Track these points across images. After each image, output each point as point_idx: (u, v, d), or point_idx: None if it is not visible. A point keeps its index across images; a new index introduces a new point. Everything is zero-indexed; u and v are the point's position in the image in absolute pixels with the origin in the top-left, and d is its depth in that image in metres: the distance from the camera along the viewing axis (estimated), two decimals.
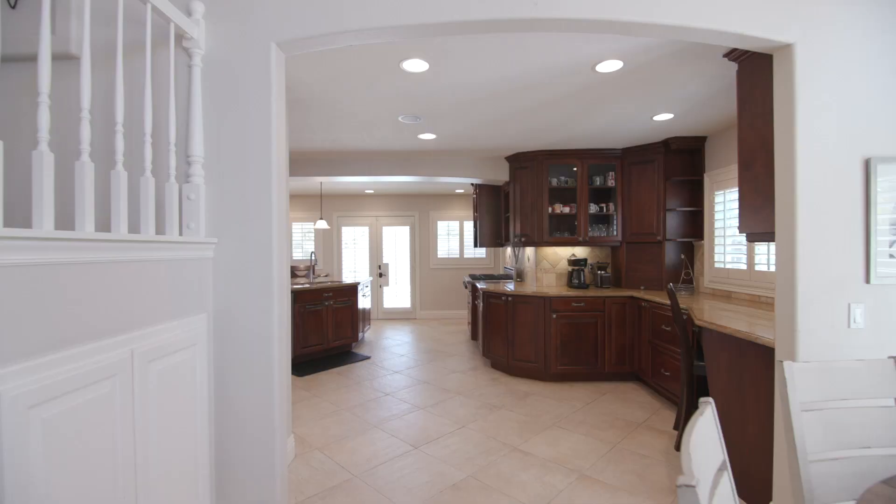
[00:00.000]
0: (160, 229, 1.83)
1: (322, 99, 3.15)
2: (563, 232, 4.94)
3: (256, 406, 1.96)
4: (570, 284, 4.87)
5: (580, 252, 5.05)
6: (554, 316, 4.35)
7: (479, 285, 5.27)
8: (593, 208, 4.79)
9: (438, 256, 8.38)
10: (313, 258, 6.03)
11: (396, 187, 7.53)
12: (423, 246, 8.38)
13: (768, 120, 2.19)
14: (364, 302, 6.42)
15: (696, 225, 4.42)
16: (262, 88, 1.96)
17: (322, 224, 6.66)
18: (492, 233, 5.96)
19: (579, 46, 2.38)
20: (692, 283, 4.44)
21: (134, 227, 1.78)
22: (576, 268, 4.83)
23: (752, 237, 2.37)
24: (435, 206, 8.42)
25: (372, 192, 8.03)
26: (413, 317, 8.40)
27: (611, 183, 4.76)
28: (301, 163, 5.15)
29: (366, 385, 4.41)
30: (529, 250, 5.33)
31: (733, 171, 3.86)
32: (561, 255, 5.04)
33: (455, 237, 8.41)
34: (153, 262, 1.58)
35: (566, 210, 4.79)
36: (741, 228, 2.41)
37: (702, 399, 1.08)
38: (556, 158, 4.75)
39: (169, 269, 1.67)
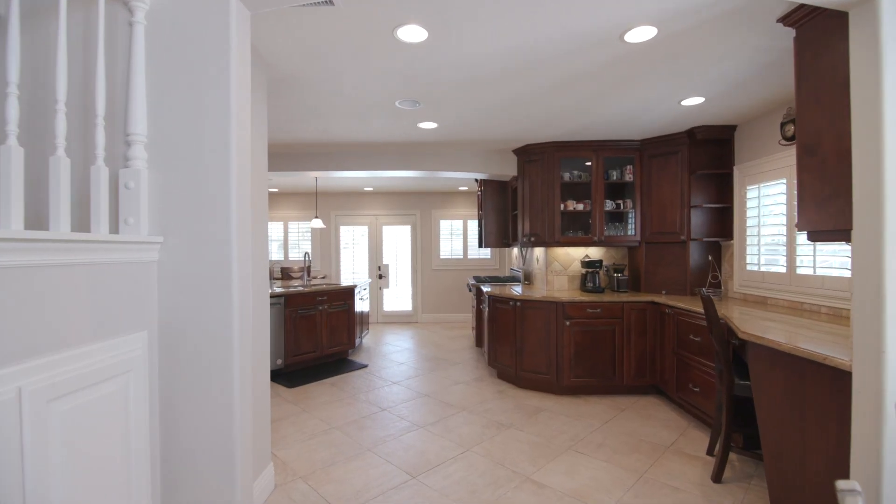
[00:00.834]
0: (83, 225, 1.45)
1: (306, 79, 2.77)
2: (577, 231, 4.55)
3: (214, 445, 1.58)
4: (583, 288, 4.47)
5: (594, 253, 4.66)
6: (567, 323, 3.96)
7: (485, 288, 4.88)
8: (609, 205, 4.39)
9: (441, 257, 7.99)
10: (307, 259, 5.66)
11: (397, 184, 7.15)
12: (424, 246, 8.00)
13: (840, 93, 1.79)
14: (362, 305, 6.05)
15: (723, 223, 4.01)
16: (221, 52, 1.59)
17: (317, 223, 6.28)
18: (498, 232, 5.57)
19: (608, 9, 1.99)
20: (720, 287, 4.04)
21: (41, 221, 1.41)
22: (590, 270, 4.43)
23: (817, 236, 1.97)
24: (437, 205, 8.03)
25: (371, 189, 7.65)
26: (414, 320, 8.02)
27: (629, 177, 4.36)
28: (291, 156, 4.78)
29: (361, 398, 4.03)
30: (539, 251, 4.93)
31: (770, 162, 3.45)
32: (573, 256, 4.64)
33: (458, 237, 8.03)
34: (63, 268, 1.20)
35: (580, 207, 4.39)
36: (801, 226, 2.01)
37: (842, 486, 0.69)
38: (569, 151, 4.36)
39: (89, 277, 1.29)
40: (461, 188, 7.57)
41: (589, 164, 4.54)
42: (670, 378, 3.70)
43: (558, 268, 4.63)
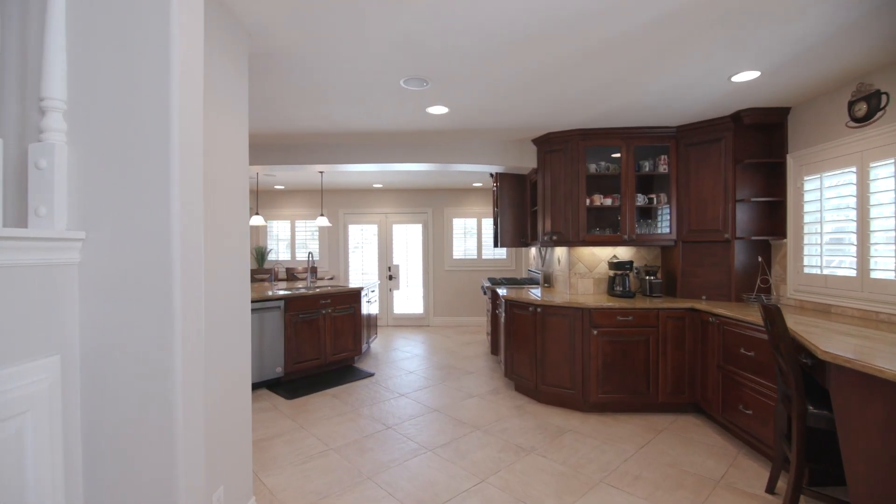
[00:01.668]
0: None
1: (298, 54, 2.40)
2: (604, 229, 4.10)
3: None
4: (611, 292, 4.02)
5: (623, 253, 4.20)
6: (594, 332, 3.52)
7: (501, 292, 4.47)
8: (641, 200, 3.93)
9: (454, 257, 7.59)
10: (312, 259, 5.31)
11: (407, 181, 6.78)
12: (437, 246, 7.61)
13: None
14: (370, 308, 5.68)
15: (774, 219, 3.53)
16: None
17: (323, 221, 5.94)
18: (515, 231, 5.15)
19: None
20: (769, 293, 3.55)
21: None
22: (619, 272, 3.98)
23: None
24: (450, 202, 7.64)
25: (381, 186, 7.30)
26: (426, 324, 7.64)
27: (663, 169, 3.90)
28: (292, 148, 4.43)
29: (364, 413, 3.65)
30: (561, 251, 4.50)
31: (834, 148, 2.97)
32: (600, 256, 4.20)
33: (472, 236, 7.62)
34: None
35: (607, 202, 3.95)
36: None
37: None
38: (596, 139, 3.91)
39: None
40: (475, 184, 7.16)
41: (617, 154, 4.09)
42: (714, 397, 3.24)
43: (583, 269, 4.19)
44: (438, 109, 3.35)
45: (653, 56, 2.49)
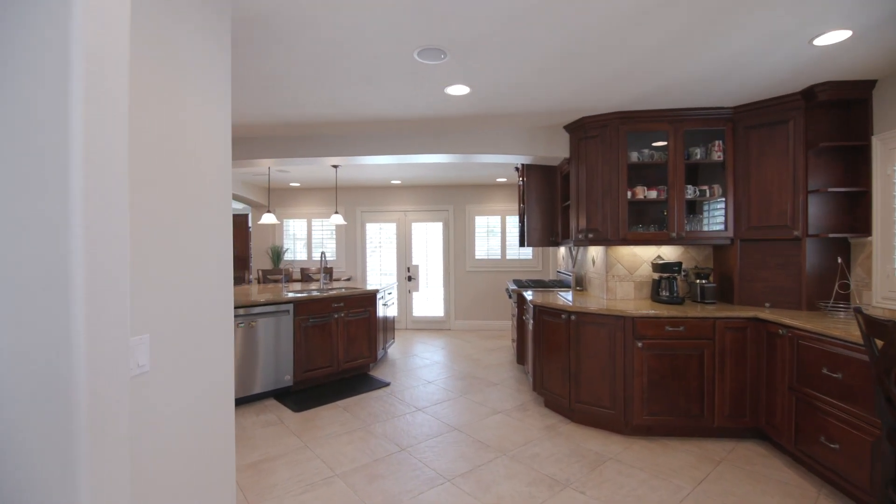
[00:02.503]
0: None
1: (294, 18, 2.04)
2: (648, 225, 3.62)
3: None
4: (655, 298, 3.54)
5: (668, 253, 3.71)
6: (639, 344, 3.05)
7: (528, 295, 4.03)
8: (691, 192, 3.44)
9: (476, 257, 7.18)
10: (324, 260, 4.99)
11: (427, 176, 6.40)
12: (458, 245, 7.21)
13: None
14: (387, 311, 5.33)
15: (856, 213, 2.99)
16: None
17: (337, 219, 5.63)
18: (543, 228, 4.70)
19: None
20: (849, 301, 3.01)
21: None
22: (664, 275, 3.50)
23: None
24: (472, 199, 7.22)
25: (399, 182, 6.94)
26: (446, 327, 7.25)
27: (716, 156, 3.39)
28: (297, 140, 4.11)
29: (377, 431, 3.29)
30: (596, 251, 4.03)
31: None
32: (641, 257, 3.71)
33: (496, 235, 7.18)
34: None
35: (652, 195, 3.46)
36: None
37: None
38: (639, 123, 3.44)
39: None
40: (499, 179, 6.73)
41: (660, 144, 3.60)
42: (785, 423, 2.73)
43: (622, 272, 3.71)
44: (459, 89, 2.94)
45: (712, 16, 2.03)
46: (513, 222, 7.15)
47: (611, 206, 3.47)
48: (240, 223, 9.82)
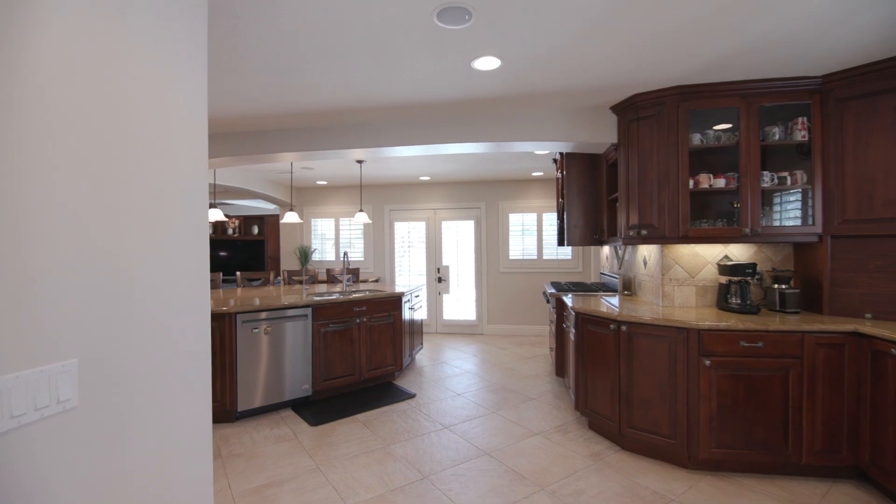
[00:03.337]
0: None
1: None
2: (715, 220, 3.08)
3: None
4: (723, 305, 3.00)
5: (737, 253, 3.15)
6: (707, 362, 2.54)
7: (568, 301, 3.57)
8: (767, 179, 2.88)
9: (510, 258, 6.72)
10: (347, 260, 4.70)
11: (457, 172, 6.01)
12: (491, 245, 6.78)
13: None
14: (414, 315, 4.99)
15: None
16: None
17: (363, 217, 5.33)
18: (585, 225, 4.20)
19: None
20: None
21: None
22: (734, 279, 2.96)
23: None
24: (506, 195, 6.77)
25: (428, 178, 6.59)
26: (478, 332, 6.83)
27: (800, 135, 2.82)
28: (312, 131, 3.81)
29: (397, 452, 2.93)
30: (648, 250, 3.52)
31: None
32: (704, 257, 3.18)
33: (531, 234, 6.70)
34: None
35: (719, 184, 2.93)
36: None
37: None
38: (702, 99, 2.91)
39: None
40: (535, 173, 6.25)
41: (724, 126, 3.06)
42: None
43: (681, 274, 3.19)
44: (487, 62, 2.53)
45: None
46: (550, 220, 6.64)
47: (668, 198, 2.96)
48: (272, 223, 9.77)
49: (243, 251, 10.51)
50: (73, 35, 1.02)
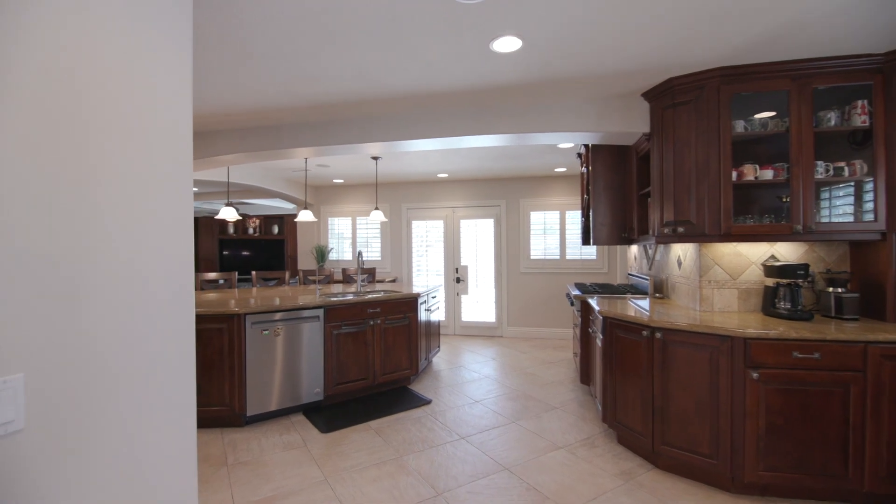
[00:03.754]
0: None
1: None
2: (762, 216, 2.78)
3: None
4: (769, 311, 2.71)
5: (785, 252, 2.85)
6: (754, 375, 2.27)
7: (594, 304, 3.32)
8: (822, 171, 2.58)
9: (531, 257, 6.47)
10: (361, 260, 4.54)
11: (476, 168, 5.80)
12: (511, 244, 6.54)
13: None
14: (432, 315, 4.80)
15: None
16: None
17: (378, 215, 5.17)
18: (613, 223, 3.94)
19: None
20: None
21: None
22: (783, 281, 2.66)
23: None
24: (527, 192, 6.52)
25: (446, 175, 6.39)
26: (498, 334, 6.60)
27: (861, 120, 2.51)
28: (322, 125, 3.66)
29: (409, 465, 2.74)
30: (683, 249, 3.25)
31: None
32: (747, 256, 2.89)
33: (554, 232, 6.43)
34: None
35: (766, 176, 2.64)
36: None
37: None
38: (747, 81, 2.63)
39: None
40: (558, 170, 5.98)
41: (769, 115, 2.77)
42: None
43: (721, 276, 2.91)
44: (508, 43, 2.31)
45: None
46: (574, 218, 6.36)
47: (708, 192, 2.68)
48: (291, 223, 9.75)
49: (266, 250, 10.55)
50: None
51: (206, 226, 11.13)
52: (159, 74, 1.18)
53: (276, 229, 10.54)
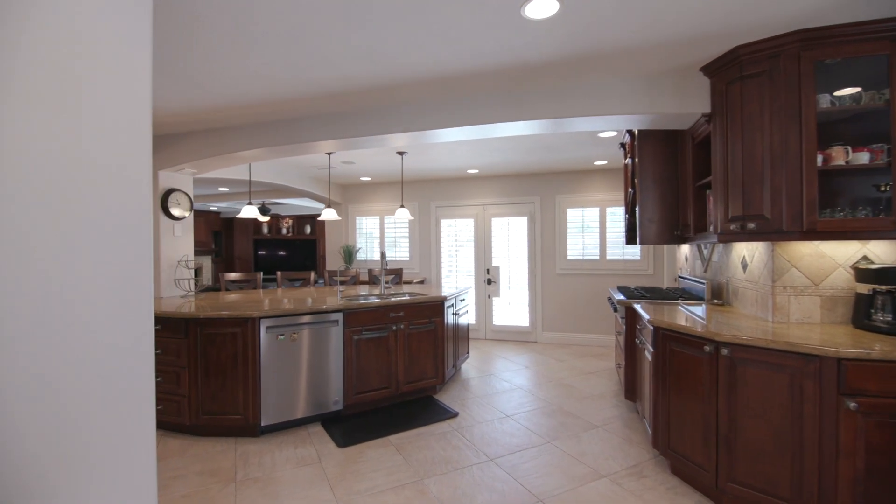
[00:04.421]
0: None
1: None
2: (854, 209, 2.31)
3: None
4: (862, 323, 2.24)
5: (882, 252, 2.36)
6: (851, 405, 1.83)
7: (641, 310, 2.92)
8: None
9: (569, 258, 6.04)
10: (385, 260, 4.30)
11: (508, 162, 5.45)
12: (546, 243, 6.14)
13: None
14: (459, 320, 4.50)
15: None
16: None
17: (404, 213, 4.92)
18: (663, 220, 3.50)
19: None
20: None
21: None
22: (882, 288, 2.19)
23: None
24: (563, 188, 6.09)
25: (476, 171, 6.07)
26: (532, 339, 6.21)
27: None
28: (341, 117, 3.42)
29: (431, 490, 2.44)
30: (748, 249, 2.80)
31: None
32: (833, 258, 2.42)
33: (593, 231, 5.98)
34: None
35: (861, 159, 2.18)
36: None
37: None
38: (833, 45, 2.17)
39: None
40: (598, 163, 5.54)
41: (853, 91, 2.29)
42: None
43: (800, 280, 2.45)
44: (542, 6, 1.97)
45: None
46: (615, 215, 5.89)
47: (786, 181, 2.24)
48: (322, 222, 9.68)
49: (301, 250, 10.59)
50: None
51: (241, 227, 11.28)
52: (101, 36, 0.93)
53: (308, 229, 10.54)
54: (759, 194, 2.32)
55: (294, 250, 10.73)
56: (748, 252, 2.80)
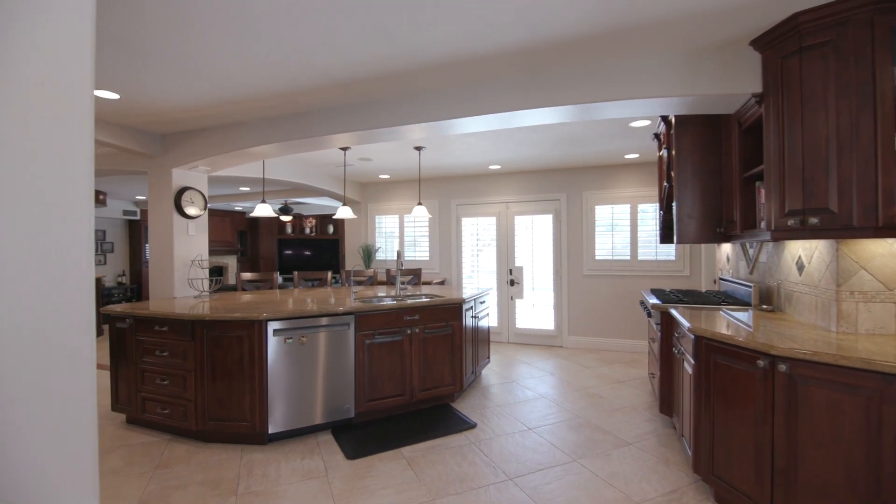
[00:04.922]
0: None
1: None
2: None
3: None
4: None
5: None
6: None
7: (679, 317, 2.62)
8: None
9: (597, 258, 5.71)
10: (400, 260, 4.11)
11: (532, 157, 5.17)
12: (573, 242, 5.82)
13: None
14: (479, 323, 4.27)
15: None
16: None
17: (421, 210, 4.72)
18: (704, 216, 3.17)
19: None
20: None
21: None
22: None
23: None
24: (592, 184, 5.77)
25: (498, 167, 5.81)
26: (557, 344, 5.91)
27: None
28: (351, 109, 3.24)
29: None
30: (805, 248, 2.46)
31: None
32: None
33: (623, 229, 5.63)
34: None
35: None
36: None
37: None
38: None
39: None
40: (629, 156, 5.20)
41: None
42: None
43: (870, 284, 2.11)
44: None
45: None
46: (647, 212, 5.53)
47: (857, 168, 1.91)
48: (343, 222, 9.62)
49: (325, 250, 10.58)
50: None
51: (265, 226, 11.36)
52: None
53: (330, 229, 10.50)
54: (824, 185, 2.00)
55: (318, 250, 10.72)
56: (805, 251, 2.46)
